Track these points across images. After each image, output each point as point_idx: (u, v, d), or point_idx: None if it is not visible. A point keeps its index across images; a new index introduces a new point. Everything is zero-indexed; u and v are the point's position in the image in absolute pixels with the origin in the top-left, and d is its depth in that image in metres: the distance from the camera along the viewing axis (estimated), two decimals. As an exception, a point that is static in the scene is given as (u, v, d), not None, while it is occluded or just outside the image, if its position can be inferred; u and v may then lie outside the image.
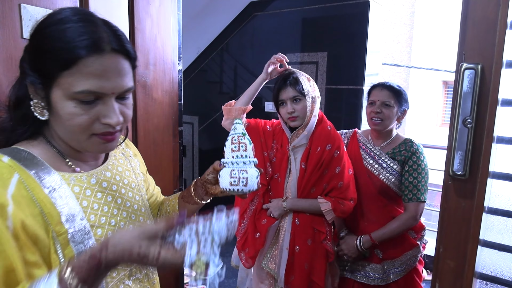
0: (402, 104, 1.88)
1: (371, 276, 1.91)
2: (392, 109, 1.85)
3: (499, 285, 1.16)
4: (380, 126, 1.87)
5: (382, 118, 1.85)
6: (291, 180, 1.79)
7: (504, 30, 0.95)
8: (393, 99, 1.85)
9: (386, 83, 1.92)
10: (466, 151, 1.00)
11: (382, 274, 1.89)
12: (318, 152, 1.74)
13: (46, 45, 0.72)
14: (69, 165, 0.83)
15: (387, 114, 1.85)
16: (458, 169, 1.03)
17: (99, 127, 0.77)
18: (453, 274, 1.08)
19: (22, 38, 1.12)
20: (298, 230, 1.78)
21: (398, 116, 1.89)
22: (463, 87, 0.99)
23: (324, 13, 3.27)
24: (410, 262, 1.90)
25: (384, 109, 1.85)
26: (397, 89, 1.88)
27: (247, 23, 3.79)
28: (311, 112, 1.74)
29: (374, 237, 1.83)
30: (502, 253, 1.13)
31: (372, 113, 1.87)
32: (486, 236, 1.13)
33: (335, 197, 1.77)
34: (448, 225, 1.08)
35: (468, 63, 0.99)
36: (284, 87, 1.74)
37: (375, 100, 1.88)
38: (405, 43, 11.19)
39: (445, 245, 1.09)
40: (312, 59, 3.33)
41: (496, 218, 1.14)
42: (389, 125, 1.88)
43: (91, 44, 0.71)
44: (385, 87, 1.88)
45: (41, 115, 0.77)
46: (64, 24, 0.72)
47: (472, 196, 1.04)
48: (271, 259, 1.82)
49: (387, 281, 1.88)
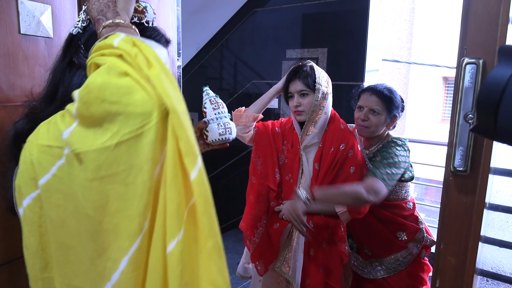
0: (391, 111, 1.78)
1: (360, 270, 1.92)
2: (380, 117, 1.76)
3: (500, 282, 1.15)
4: (366, 133, 1.80)
5: (368, 126, 1.77)
6: (304, 181, 1.73)
7: (506, 24, 0.94)
8: (381, 106, 1.76)
9: (377, 87, 1.82)
10: (467, 147, 1.00)
11: (371, 269, 1.88)
12: (332, 152, 1.68)
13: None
14: None
15: (374, 122, 1.76)
16: (459, 165, 1.02)
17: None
18: (454, 270, 1.07)
19: (20, 34, 1.11)
20: (312, 233, 1.71)
21: (387, 123, 1.80)
22: (464, 82, 0.98)
23: (324, 9, 3.25)
24: (400, 263, 1.85)
25: (372, 116, 1.76)
26: (387, 96, 1.78)
27: (247, 18, 3.78)
28: (320, 108, 1.67)
29: (317, 195, 1.59)
30: (503, 249, 1.13)
31: (359, 120, 1.80)
32: (487, 233, 1.13)
33: None
34: (449, 221, 1.07)
35: (470, 58, 0.98)
36: (293, 80, 1.70)
37: (363, 106, 1.80)
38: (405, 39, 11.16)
39: (446, 241, 1.08)
40: (312, 55, 3.32)
41: (497, 214, 1.14)
42: (376, 132, 1.79)
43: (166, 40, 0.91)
44: (375, 93, 1.79)
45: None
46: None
47: (473, 192, 1.03)
48: (284, 262, 1.74)
49: (376, 277, 1.87)
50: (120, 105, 0.56)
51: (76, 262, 0.62)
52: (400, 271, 1.85)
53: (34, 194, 0.65)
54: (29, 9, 1.12)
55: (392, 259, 1.85)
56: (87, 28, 0.84)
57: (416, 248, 1.86)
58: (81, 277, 0.62)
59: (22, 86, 1.11)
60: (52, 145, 0.62)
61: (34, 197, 0.65)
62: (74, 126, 0.60)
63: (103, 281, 0.59)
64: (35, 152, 0.63)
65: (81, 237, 0.60)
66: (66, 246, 0.62)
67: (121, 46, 0.60)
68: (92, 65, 0.64)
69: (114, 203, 0.58)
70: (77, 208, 0.60)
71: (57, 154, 0.60)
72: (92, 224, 0.59)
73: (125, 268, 0.59)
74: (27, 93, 1.12)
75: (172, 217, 0.57)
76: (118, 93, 0.56)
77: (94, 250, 0.60)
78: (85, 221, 0.59)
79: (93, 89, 0.57)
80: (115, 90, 0.56)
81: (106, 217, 0.58)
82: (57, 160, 0.60)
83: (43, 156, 0.62)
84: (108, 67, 0.59)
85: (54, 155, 0.61)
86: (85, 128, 0.59)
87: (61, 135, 0.60)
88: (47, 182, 0.61)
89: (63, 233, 0.62)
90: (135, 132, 0.56)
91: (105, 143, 0.56)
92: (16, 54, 1.10)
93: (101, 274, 0.60)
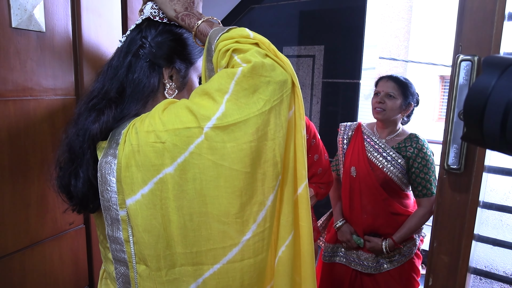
0: (407, 97, 1.91)
1: (364, 264, 1.95)
2: (396, 101, 1.88)
3: (493, 280, 1.15)
4: (382, 115, 1.90)
5: (384, 109, 1.88)
6: None
7: (501, 21, 0.93)
8: (397, 90, 1.89)
9: (393, 75, 1.96)
10: (461, 145, 0.99)
11: (375, 263, 1.93)
12: None
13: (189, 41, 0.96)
14: None
15: (390, 105, 1.88)
16: (453, 163, 1.01)
17: None
18: (447, 268, 1.07)
19: (11, 27, 1.09)
20: None
21: (402, 109, 1.92)
22: (459, 80, 0.98)
23: (321, 6, 3.24)
24: (405, 253, 1.90)
25: (388, 100, 1.88)
26: (403, 81, 1.91)
27: (244, 15, 3.76)
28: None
29: (397, 240, 1.86)
30: (496, 248, 1.13)
31: (376, 103, 1.91)
32: (481, 231, 1.12)
33: (316, 182, 1.84)
34: (443, 219, 1.07)
35: (465, 55, 0.97)
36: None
37: (380, 91, 1.92)
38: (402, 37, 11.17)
39: (439, 240, 1.08)
40: (309, 52, 3.31)
41: (491, 213, 1.13)
42: (392, 116, 1.90)
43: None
44: (391, 79, 1.93)
45: (172, 94, 0.92)
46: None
47: (467, 190, 1.03)
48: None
49: (380, 270, 1.92)
50: (270, 77, 0.74)
51: (210, 226, 0.73)
52: (403, 263, 1.90)
53: (156, 179, 0.73)
54: (20, 3, 1.10)
55: (397, 249, 1.91)
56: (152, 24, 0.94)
57: (418, 239, 1.96)
58: (214, 239, 0.74)
59: (13, 81, 1.10)
60: (191, 126, 0.72)
61: (156, 181, 0.73)
62: (224, 103, 0.72)
63: (247, 226, 0.74)
64: (166, 138, 0.72)
65: (221, 199, 0.72)
66: (201, 214, 0.73)
67: (256, 37, 0.79)
68: (227, 51, 0.78)
69: (264, 155, 0.74)
70: (220, 174, 0.71)
71: (195, 134, 0.71)
72: (244, 179, 0.72)
73: (271, 203, 0.76)
74: (18, 87, 1.11)
75: (301, 162, 0.82)
76: (268, 69, 0.74)
77: (240, 204, 0.73)
78: (235, 180, 0.72)
79: (256, 66, 0.73)
80: (267, 67, 0.74)
81: (258, 168, 0.74)
82: (195, 139, 0.71)
83: (178, 138, 0.71)
84: (257, 51, 0.76)
85: (192, 135, 0.71)
86: (236, 101, 0.72)
87: (204, 116, 0.71)
88: (184, 160, 0.72)
89: (198, 202, 0.72)
90: (280, 98, 0.75)
91: (261, 109, 0.72)
92: (8, 48, 1.08)
93: (245, 222, 0.74)
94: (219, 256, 0.74)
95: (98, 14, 1.34)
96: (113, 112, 0.85)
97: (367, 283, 1.94)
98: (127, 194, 0.76)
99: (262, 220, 0.75)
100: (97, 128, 0.83)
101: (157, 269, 0.76)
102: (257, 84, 0.73)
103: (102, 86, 0.90)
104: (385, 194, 1.88)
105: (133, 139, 0.75)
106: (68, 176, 0.87)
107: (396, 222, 1.89)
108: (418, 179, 1.84)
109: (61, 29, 1.23)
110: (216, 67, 0.81)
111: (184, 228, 0.73)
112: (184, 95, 0.95)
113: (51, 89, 1.21)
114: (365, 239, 1.94)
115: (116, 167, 0.77)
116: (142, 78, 0.88)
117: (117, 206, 0.79)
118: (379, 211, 1.89)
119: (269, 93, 0.73)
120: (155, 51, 0.89)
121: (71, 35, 1.27)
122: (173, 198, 0.73)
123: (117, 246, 0.83)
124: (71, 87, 1.28)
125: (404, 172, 1.86)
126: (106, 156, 0.80)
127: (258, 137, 0.72)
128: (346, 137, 2.05)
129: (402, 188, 1.89)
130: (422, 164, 1.83)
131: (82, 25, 1.29)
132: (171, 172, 0.72)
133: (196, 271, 0.75)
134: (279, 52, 0.79)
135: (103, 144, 0.83)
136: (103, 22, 1.37)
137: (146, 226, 0.75)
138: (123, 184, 0.76)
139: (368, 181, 1.89)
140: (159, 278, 0.77)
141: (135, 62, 0.89)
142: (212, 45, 0.81)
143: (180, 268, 0.75)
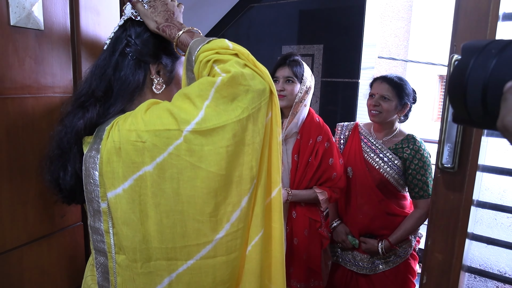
0: (402, 98, 1.89)
1: (360, 265, 1.96)
2: (391, 103, 1.87)
3: (488, 279, 1.16)
4: (377, 118, 1.89)
5: (380, 111, 1.87)
6: (283, 171, 1.79)
7: (495, 21, 0.94)
8: (391, 92, 1.87)
9: (387, 76, 1.93)
10: (455, 144, 1.00)
11: (371, 264, 1.93)
12: (310, 144, 1.75)
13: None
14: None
15: (385, 107, 1.86)
16: (447, 162, 1.02)
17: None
18: (441, 267, 1.08)
19: (10, 25, 1.09)
20: (295, 223, 1.78)
21: (398, 110, 1.90)
22: (453, 79, 0.98)
23: (320, 6, 3.24)
24: (400, 254, 1.91)
25: (382, 102, 1.87)
26: (397, 83, 1.89)
27: (243, 14, 3.76)
28: (302, 100, 1.76)
29: (393, 241, 1.86)
30: (491, 246, 1.14)
31: (371, 106, 1.90)
32: (475, 230, 1.13)
33: (330, 186, 1.81)
34: (437, 218, 1.08)
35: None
36: (282, 66, 1.79)
37: (374, 93, 1.90)
38: (402, 36, 11.16)
39: (434, 238, 1.09)
40: (308, 51, 3.31)
41: (486, 211, 1.14)
42: (388, 117, 1.89)
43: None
44: (385, 80, 1.90)
45: (160, 89, 0.96)
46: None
47: (461, 189, 1.03)
48: None
49: (375, 271, 1.92)
50: (249, 86, 0.77)
51: (185, 223, 0.76)
52: (398, 264, 1.90)
53: (136, 176, 0.76)
54: (19, 1, 1.11)
55: (392, 250, 1.91)
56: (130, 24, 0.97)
57: (414, 240, 1.96)
58: (189, 236, 0.77)
59: (12, 78, 1.10)
60: (171, 128, 0.74)
61: (135, 178, 0.76)
62: (204, 109, 0.75)
63: (221, 225, 0.78)
64: (146, 138, 0.75)
65: (197, 199, 0.75)
66: (176, 212, 0.76)
67: (235, 48, 0.82)
68: (208, 61, 0.81)
69: (240, 159, 0.77)
70: (196, 175, 0.74)
71: (175, 136, 0.74)
72: (219, 181, 0.75)
73: (245, 205, 0.80)
74: (17, 85, 1.12)
75: (275, 167, 0.86)
76: (247, 78, 0.77)
77: (215, 204, 0.76)
78: (211, 182, 0.75)
79: (235, 76, 0.76)
80: (246, 76, 0.77)
81: (234, 171, 0.77)
82: (174, 141, 0.74)
83: (158, 139, 0.74)
84: (236, 62, 0.79)
85: (171, 137, 0.74)
86: (215, 108, 0.75)
87: (184, 120, 0.74)
88: (163, 160, 0.74)
89: (175, 201, 0.75)
90: (258, 106, 0.78)
91: (239, 116, 0.75)
92: (6, 46, 1.09)
93: (219, 221, 0.77)
94: (193, 253, 0.78)
95: (96, 12, 1.35)
96: (97, 109, 0.89)
97: (363, 283, 1.95)
98: (108, 188, 0.79)
99: (236, 220, 0.79)
100: (82, 124, 0.87)
101: (133, 261, 0.80)
102: (236, 92, 0.76)
103: (90, 85, 0.93)
104: (381, 195, 1.87)
105: (115, 136, 0.79)
106: (57, 170, 0.92)
107: (392, 223, 1.89)
108: (415, 181, 1.84)
109: (59, 27, 1.23)
110: (198, 77, 0.84)
111: (160, 224, 0.76)
112: (172, 89, 0.99)
113: (50, 87, 1.22)
114: (361, 241, 1.94)
115: (99, 161, 0.81)
116: (128, 75, 0.92)
117: (99, 198, 0.83)
118: (375, 212, 1.88)
119: (247, 101, 0.77)
120: (140, 48, 0.93)
121: (70, 33, 1.27)
122: (151, 195, 0.76)
123: (98, 236, 0.87)
124: (70, 85, 1.28)
125: (400, 173, 1.86)
126: (90, 150, 0.85)
127: (235, 142, 0.76)
128: (343, 137, 2.05)
129: (398, 189, 1.89)
130: (419, 166, 1.83)
131: (81, 23, 1.29)
132: (150, 171, 0.75)
133: (170, 266, 0.78)
134: (257, 62, 0.82)
135: (88, 139, 0.88)
136: (102, 20, 1.37)
137: (125, 219, 0.78)
138: (104, 178, 0.80)
139: (364, 181, 1.89)
140: (135, 270, 0.80)
141: (121, 60, 0.93)
142: (192, 56, 0.84)
143: (155, 262, 0.78)
